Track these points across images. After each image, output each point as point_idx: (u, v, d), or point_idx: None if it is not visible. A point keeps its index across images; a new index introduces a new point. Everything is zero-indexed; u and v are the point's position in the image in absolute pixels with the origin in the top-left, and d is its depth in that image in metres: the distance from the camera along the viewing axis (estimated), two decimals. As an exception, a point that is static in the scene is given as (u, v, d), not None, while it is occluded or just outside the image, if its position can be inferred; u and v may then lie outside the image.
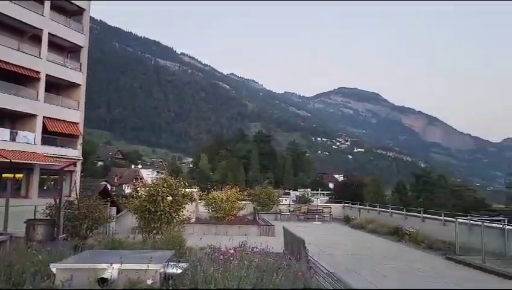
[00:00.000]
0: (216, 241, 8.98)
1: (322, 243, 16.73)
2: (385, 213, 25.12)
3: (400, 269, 11.85)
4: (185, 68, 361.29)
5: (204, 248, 9.31)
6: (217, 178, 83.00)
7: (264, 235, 18.94)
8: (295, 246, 10.58)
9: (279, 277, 5.82)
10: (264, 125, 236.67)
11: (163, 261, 6.16)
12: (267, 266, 6.25)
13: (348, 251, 15.16)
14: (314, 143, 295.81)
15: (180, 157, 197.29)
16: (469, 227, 15.24)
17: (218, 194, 22.43)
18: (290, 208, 32.60)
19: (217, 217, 21.59)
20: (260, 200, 30.72)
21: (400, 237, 18.62)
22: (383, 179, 69.07)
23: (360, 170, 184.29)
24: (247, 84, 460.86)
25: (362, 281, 9.92)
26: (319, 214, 29.67)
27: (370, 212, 27.51)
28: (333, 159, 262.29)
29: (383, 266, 12.18)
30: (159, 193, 13.66)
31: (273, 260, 6.73)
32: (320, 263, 10.29)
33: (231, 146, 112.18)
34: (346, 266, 11.87)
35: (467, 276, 11.13)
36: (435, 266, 12.47)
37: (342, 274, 9.80)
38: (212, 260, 6.20)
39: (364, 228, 22.89)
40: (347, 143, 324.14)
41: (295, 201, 39.71)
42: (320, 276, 8.63)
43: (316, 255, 11.13)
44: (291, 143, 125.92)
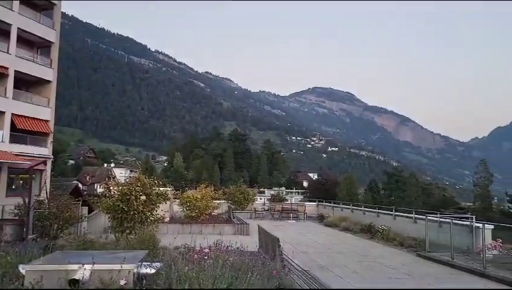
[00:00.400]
0: (191, 241, 8.93)
1: (296, 241, 16.88)
2: (358, 211, 25.49)
3: (372, 266, 12.07)
4: (159, 66, 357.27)
5: (179, 247, 9.26)
6: (192, 177, 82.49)
7: (239, 234, 18.94)
8: (270, 244, 10.64)
9: (254, 275, 5.85)
10: (239, 124, 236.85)
11: (137, 261, 6.09)
12: (242, 265, 6.27)
13: (322, 249, 15.34)
14: (288, 142, 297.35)
15: (154, 156, 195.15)
16: (438, 224, 15.65)
17: (192, 193, 22.30)
18: (264, 207, 32.71)
19: (191, 216, 21.45)
20: (235, 199, 30.69)
21: (372, 235, 18.94)
22: (356, 177, 69.93)
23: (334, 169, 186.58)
24: (222, 82, 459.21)
25: (335, 278, 10.06)
26: (293, 212, 29.86)
27: (343, 210, 27.87)
28: (307, 158, 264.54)
29: (355, 263, 12.38)
30: (132, 192, 13.47)
31: (248, 258, 6.76)
32: (295, 261, 10.39)
33: (206, 145, 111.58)
34: (320, 264, 12.01)
35: (435, 272, 11.43)
36: (406, 263, 12.75)
37: (315, 271, 9.93)
38: (187, 259, 6.18)
39: (337, 226, 23.18)
40: (321, 142, 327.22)
41: (270, 200, 39.82)
42: (294, 274, 8.71)
43: (290, 253, 11.23)
44: (266, 142, 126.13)
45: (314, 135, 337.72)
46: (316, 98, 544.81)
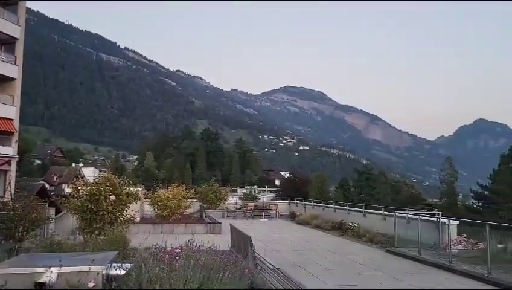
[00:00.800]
0: (162, 241, 8.82)
1: (268, 240, 16.95)
2: (329, 209, 25.81)
3: (342, 263, 12.25)
4: (129, 64, 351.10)
5: (150, 248, 9.12)
6: (163, 176, 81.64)
7: (211, 233, 18.86)
8: (242, 243, 10.64)
9: (225, 274, 5.84)
10: (211, 123, 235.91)
11: (106, 262, 5.97)
12: (214, 264, 6.24)
13: (293, 247, 15.46)
14: (261, 141, 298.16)
15: (125, 155, 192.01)
16: (407, 221, 16.03)
17: (164, 193, 22.04)
18: (237, 206, 32.71)
19: (162, 216, 21.22)
20: (207, 198, 30.56)
21: (343, 232, 19.22)
22: (327, 175, 70.83)
23: (305, 167, 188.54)
24: (193, 81, 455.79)
25: (307, 276, 10.16)
26: (265, 211, 29.97)
27: (315, 208, 28.17)
28: (279, 157, 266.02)
29: (326, 260, 12.54)
30: (102, 192, 13.20)
31: (220, 258, 6.73)
32: (267, 259, 10.43)
33: (177, 144, 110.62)
34: (292, 261, 12.10)
35: (404, 267, 11.71)
36: (375, 259, 13.00)
37: (287, 269, 10.00)
38: (158, 259, 6.10)
39: (309, 223, 23.39)
40: (293, 141, 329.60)
41: (242, 198, 39.85)
42: (266, 272, 8.75)
43: (263, 252, 11.28)
44: (238, 141, 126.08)
45: (286, 134, 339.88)
46: (288, 97, 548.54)
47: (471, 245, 12.79)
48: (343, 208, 24.15)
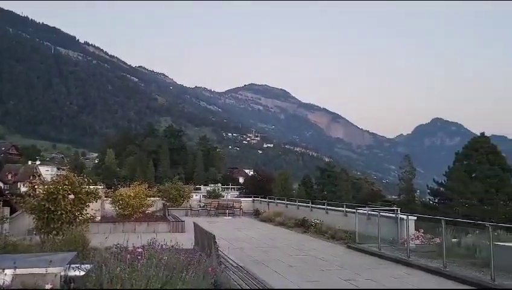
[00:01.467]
0: (123, 240, 8.64)
1: (232, 237, 16.93)
2: (292, 206, 26.05)
3: (305, 259, 12.41)
4: (89, 59, 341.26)
5: (111, 247, 8.90)
6: (125, 174, 79.93)
7: (174, 231, 18.65)
8: (206, 241, 10.58)
9: (189, 273, 5.78)
10: (175, 120, 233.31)
11: (65, 263, 5.79)
12: (177, 264, 6.16)
13: (257, 244, 15.52)
14: (225, 138, 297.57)
15: (84, 152, 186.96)
16: (367, 217, 16.41)
17: (125, 191, 21.58)
18: (200, 204, 32.48)
19: (124, 214, 20.79)
20: (170, 196, 30.21)
21: (306, 229, 19.44)
22: (290, 173, 71.69)
23: (269, 165, 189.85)
24: (156, 77, 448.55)
25: (270, 273, 10.21)
26: (229, 208, 29.93)
27: (278, 205, 28.36)
28: (244, 154, 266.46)
29: (289, 257, 12.67)
30: (60, 191, 12.76)
31: (183, 256, 6.66)
32: (230, 257, 10.43)
33: (140, 141, 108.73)
34: (255, 259, 12.15)
35: (364, 262, 11.99)
36: (337, 255, 13.25)
37: (251, 267, 10.04)
38: (119, 259, 5.96)
39: (273, 221, 23.54)
40: (257, 138, 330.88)
41: (206, 196, 39.64)
42: (230, 270, 8.74)
43: (226, 250, 11.26)
44: (202, 138, 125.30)
45: (250, 132, 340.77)
46: (252, 95, 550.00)
47: (428, 240, 13.24)
48: (306, 205, 24.40)
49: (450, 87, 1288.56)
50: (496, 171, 37.32)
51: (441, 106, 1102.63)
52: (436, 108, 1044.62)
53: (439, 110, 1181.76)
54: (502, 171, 37.73)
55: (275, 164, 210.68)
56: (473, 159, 38.63)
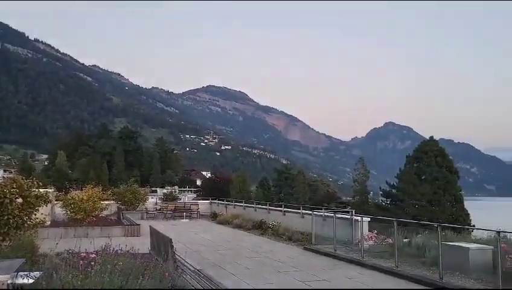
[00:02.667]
0: (75, 245, 8.37)
1: (189, 241, 16.76)
2: (250, 208, 26.13)
3: (262, 261, 12.48)
4: (39, 56, 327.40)
5: (62, 253, 8.59)
6: (77, 177, 77.14)
7: (129, 235, 18.20)
8: (162, 245, 10.40)
9: (145, 279, 5.67)
10: (130, 121, 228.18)
11: (12, 271, 5.52)
12: (133, 269, 6.03)
13: (214, 247, 15.45)
14: (182, 140, 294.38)
15: (33, 154, 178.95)
16: (323, 219, 16.74)
17: (77, 194, 20.84)
18: (157, 207, 31.92)
19: (76, 218, 20.05)
20: (125, 199, 29.48)
21: (263, 231, 19.54)
22: (248, 175, 71.74)
23: (227, 167, 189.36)
24: (111, 77, 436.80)
25: (227, 276, 10.20)
26: (186, 211, 29.62)
27: (236, 207, 28.36)
28: (201, 156, 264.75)
29: (246, 259, 12.69)
30: (7, 194, 12.13)
31: (139, 261, 6.53)
32: (188, 261, 10.31)
33: (93, 142, 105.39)
34: (212, 262, 12.09)
35: (320, 263, 12.21)
36: (294, 256, 13.41)
37: (208, 270, 9.97)
38: (71, 265, 5.76)
39: (230, 223, 23.48)
40: (215, 140, 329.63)
41: (162, 199, 39.00)
42: (187, 274, 8.64)
43: (183, 253, 11.13)
44: (158, 140, 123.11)
45: (208, 133, 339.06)
46: (210, 97, 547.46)
47: (381, 241, 13.67)
48: (263, 207, 24.53)
49: (401, 91, 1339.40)
50: (444, 173, 39.00)
51: (393, 110, 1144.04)
52: (389, 112, 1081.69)
53: (391, 114, 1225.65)
54: (449, 173, 39.47)
55: (233, 166, 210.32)
56: (423, 161, 40.16)
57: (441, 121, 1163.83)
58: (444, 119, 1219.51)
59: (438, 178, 38.63)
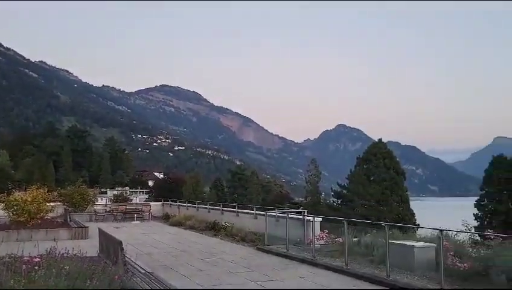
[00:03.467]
0: (18, 249, 7.94)
1: (140, 243, 16.39)
2: (203, 209, 25.95)
3: (215, 262, 12.42)
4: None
5: (3, 258, 8.14)
6: (21, 177, 73.38)
7: (76, 238, 17.55)
8: (111, 248, 10.11)
9: (93, 282, 5.49)
10: (79, 120, 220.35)
11: None
12: (80, 273, 5.81)
13: (166, 249, 15.21)
14: (134, 140, 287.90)
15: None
16: (276, 219, 16.90)
17: (21, 195, 19.82)
18: (106, 208, 30.95)
19: (19, 221, 19.06)
20: (73, 201, 28.39)
21: (216, 232, 19.46)
22: (202, 176, 71.36)
23: (180, 168, 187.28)
24: (59, 74, 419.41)
25: (180, 278, 10.08)
26: (138, 213, 28.94)
27: (189, 209, 28.07)
28: (154, 157, 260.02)
29: (199, 261, 12.59)
30: None
31: (87, 265, 6.30)
32: (138, 264, 10.08)
33: (39, 141, 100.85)
34: (164, 264, 11.90)
35: (272, 263, 12.31)
36: (246, 257, 13.44)
37: (159, 273, 9.79)
38: (13, 270, 5.47)
39: (183, 224, 23.23)
40: (168, 141, 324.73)
41: (112, 200, 37.87)
42: (137, 277, 8.45)
43: (134, 256, 10.87)
44: (109, 139, 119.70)
45: (161, 134, 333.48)
46: (164, 96, 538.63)
47: (332, 240, 13.99)
48: (217, 208, 24.45)
49: (353, 94, 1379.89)
50: (391, 174, 40.60)
51: (344, 112, 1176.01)
52: (340, 114, 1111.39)
53: (343, 116, 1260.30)
54: (396, 174, 41.13)
55: (186, 167, 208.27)
56: (372, 163, 41.60)
57: (389, 124, 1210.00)
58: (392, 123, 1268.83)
59: (386, 179, 40.15)
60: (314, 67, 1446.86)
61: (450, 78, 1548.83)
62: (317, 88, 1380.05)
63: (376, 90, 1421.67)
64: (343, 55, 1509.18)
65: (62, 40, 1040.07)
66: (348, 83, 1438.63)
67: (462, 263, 9.66)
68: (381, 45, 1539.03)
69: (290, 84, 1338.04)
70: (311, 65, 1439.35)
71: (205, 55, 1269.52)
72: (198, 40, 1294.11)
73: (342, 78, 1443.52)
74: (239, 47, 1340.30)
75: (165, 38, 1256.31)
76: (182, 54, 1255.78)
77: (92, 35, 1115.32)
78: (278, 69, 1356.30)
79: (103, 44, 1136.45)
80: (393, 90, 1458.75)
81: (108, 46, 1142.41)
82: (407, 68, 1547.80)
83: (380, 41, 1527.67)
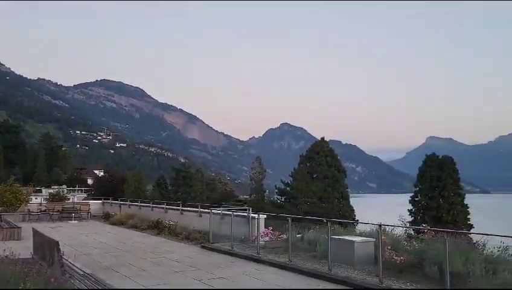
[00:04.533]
0: None
1: (78, 243, 15.74)
2: (146, 208, 25.43)
3: (158, 262, 12.18)
4: None
5: None
6: None
7: (8, 239, 16.51)
8: (47, 249, 9.59)
9: (27, 285, 5.17)
10: (11, 114, 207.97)
11: None
12: (12, 276, 5.46)
13: (107, 249, 14.70)
14: (72, 136, 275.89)
15: None
16: (221, 217, 16.87)
17: None
18: (41, 207, 29.39)
19: None
20: (4, 200, 26.74)
21: (160, 231, 19.10)
22: (144, 173, 69.50)
23: (122, 165, 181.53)
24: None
25: (121, 278, 9.79)
26: (76, 212, 27.74)
27: (131, 207, 27.37)
28: (93, 154, 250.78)
29: (141, 261, 12.30)
30: None
31: (19, 267, 5.93)
32: (76, 265, 9.66)
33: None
34: (105, 265, 11.50)
35: (217, 261, 12.27)
36: (191, 255, 13.30)
37: (100, 274, 9.44)
38: None
39: (125, 223, 22.61)
40: (109, 137, 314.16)
41: (48, 199, 36.01)
42: (76, 279, 8.08)
43: (72, 257, 10.44)
44: (44, 135, 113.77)
45: (102, 130, 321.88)
46: (105, 92, 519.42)
47: (276, 237, 14.18)
48: (160, 207, 24.08)
49: (297, 93, 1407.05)
50: (333, 172, 41.79)
51: (288, 111, 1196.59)
52: (285, 113, 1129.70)
53: (287, 115, 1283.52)
54: (337, 172, 42.38)
55: (128, 165, 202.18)
56: (315, 161, 42.59)
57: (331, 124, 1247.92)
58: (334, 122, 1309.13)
59: (328, 176, 41.29)
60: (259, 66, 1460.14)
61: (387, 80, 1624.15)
62: (262, 87, 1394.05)
63: (319, 91, 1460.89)
64: (287, 54, 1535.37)
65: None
66: (293, 82, 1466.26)
67: (398, 256, 10.14)
68: (325, 45, 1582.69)
69: (236, 83, 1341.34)
70: (256, 64, 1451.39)
71: (149, 50, 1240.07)
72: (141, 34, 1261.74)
73: (286, 77, 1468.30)
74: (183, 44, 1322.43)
75: (105, 31, 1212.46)
76: (124, 48, 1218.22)
77: (26, 25, 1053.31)
78: (223, 67, 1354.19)
79: (38, 34, 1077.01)
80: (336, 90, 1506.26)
81: (44, 37, 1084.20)
82: (348, 69, 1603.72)
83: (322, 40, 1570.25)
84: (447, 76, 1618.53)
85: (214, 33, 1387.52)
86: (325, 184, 40.84)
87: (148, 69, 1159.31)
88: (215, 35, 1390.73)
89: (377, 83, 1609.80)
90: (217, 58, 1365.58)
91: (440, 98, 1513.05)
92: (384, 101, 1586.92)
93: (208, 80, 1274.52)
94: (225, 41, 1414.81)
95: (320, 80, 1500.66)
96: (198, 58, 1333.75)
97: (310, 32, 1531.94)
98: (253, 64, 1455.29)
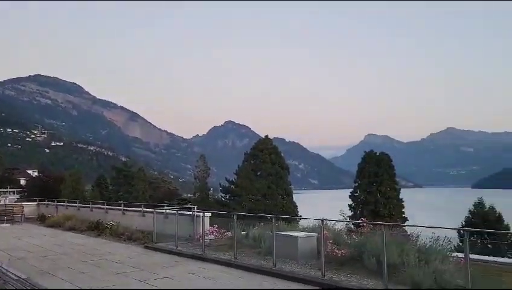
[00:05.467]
0: None
1: (12, 248, 14.89)
2: (85, 209, 24.54)
3: (99, 263, 11.80)
4: None
5: None
6: None
7: None
8: (-24, 255, 9.01)
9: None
10: None
11: None
12: None
13: (43, 252, 14.00)
14: (3, 135, 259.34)
15: None
16: (165, 216, 16.62)
17: None
18: (-32, 211, 27.39)
19: None
20: None
21: (100, 232, 18.49)
22: (83, 173, 66.69)
23: (58, 165, 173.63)
24: None
25: (59, 282, 9.37)
26: (7, 214, 26.13)
27: (69, 208, 26.23)
28: (26, 153, 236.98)
29: (81, 263, 11.85)
30: None
31: None
32: (11, 270, 9.15)
33: None
34: (41, 269, 10.94)
35: (162, 261, 12.09)
36: (134, 256, 13.00)
37: (36, 279, 9.03)
38: None
39: (62, 225, 21.62)
40: (44, 136, 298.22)
41: (-24, 202, 33.65)
42: (10, 285, 7.66)
43: (6, 262, 9.89)
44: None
45: (35, 128, 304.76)
46: (39, 87, 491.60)
47: (221, 234, 14.21)
48: (100, 207, 23.32)
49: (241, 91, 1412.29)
50: (277, 169, 42.48)
51: (233, 109, 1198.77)
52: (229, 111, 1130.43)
53: (231, 113, 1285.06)
54: (281, 169, 43.13)
55: (65, 164, 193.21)
56: (259, 158, 43.07)
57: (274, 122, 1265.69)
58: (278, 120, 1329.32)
59: (272, 174, 41.91)
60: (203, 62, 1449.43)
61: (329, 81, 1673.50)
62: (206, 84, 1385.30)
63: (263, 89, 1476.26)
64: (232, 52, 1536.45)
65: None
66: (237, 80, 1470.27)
67: (339, 249, 10.54)
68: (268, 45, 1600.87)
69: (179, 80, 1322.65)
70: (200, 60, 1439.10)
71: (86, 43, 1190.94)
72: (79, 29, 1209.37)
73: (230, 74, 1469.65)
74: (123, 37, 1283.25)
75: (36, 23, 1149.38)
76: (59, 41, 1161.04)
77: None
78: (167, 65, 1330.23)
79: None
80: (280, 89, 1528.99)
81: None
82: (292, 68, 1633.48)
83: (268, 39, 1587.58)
84: (379, 76, 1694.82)
85: (155, 27, 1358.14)
86: (269, 181, 41.41)
87: (85, 64, 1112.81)
88: (156, 30, 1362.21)
89: (318, 83, 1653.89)
90: (160, 56, 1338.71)
91: (377, 97, 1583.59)
92: (325, 100, 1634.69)
93: (150, 78, 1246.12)
94: (169, 37, 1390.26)
95: (264, 78, 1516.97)
96: (140, 54, 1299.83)
97: (239, 24, 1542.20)
98: (197, 61, 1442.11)
